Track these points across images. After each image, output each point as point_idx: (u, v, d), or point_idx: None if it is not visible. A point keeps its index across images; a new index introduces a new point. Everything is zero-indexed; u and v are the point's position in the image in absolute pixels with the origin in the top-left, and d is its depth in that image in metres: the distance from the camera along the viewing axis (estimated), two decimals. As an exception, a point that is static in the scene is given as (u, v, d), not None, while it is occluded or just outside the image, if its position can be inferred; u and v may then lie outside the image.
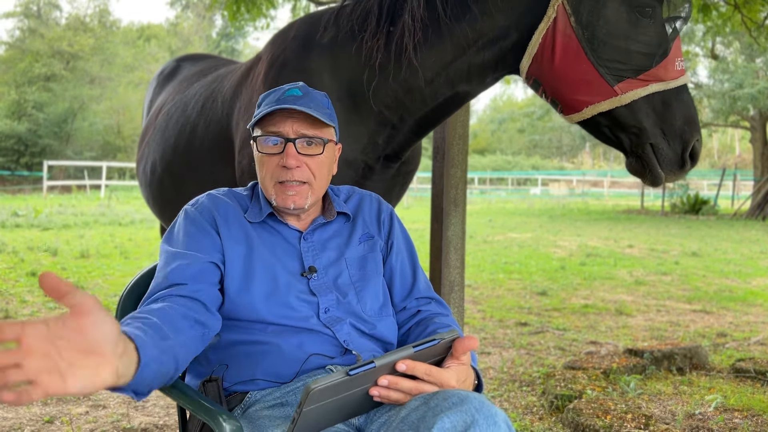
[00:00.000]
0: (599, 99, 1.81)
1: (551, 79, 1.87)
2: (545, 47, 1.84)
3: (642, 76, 1.78)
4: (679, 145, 1.84)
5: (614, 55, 1.78)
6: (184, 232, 1.35)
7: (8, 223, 11.40)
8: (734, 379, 3.35)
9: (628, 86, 1.79)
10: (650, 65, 1.78)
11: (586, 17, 1.78)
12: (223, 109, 2.38)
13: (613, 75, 1.79)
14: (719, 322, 4.90)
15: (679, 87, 1.83)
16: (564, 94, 1.87)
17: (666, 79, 1.79)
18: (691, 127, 1.83)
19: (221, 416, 1.11)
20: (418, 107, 2.05)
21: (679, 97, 1.82)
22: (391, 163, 2.22)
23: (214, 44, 38.05)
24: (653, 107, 1.81)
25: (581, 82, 1.82)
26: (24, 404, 0.84)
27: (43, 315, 4.57)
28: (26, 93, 29.42)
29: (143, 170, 2.87)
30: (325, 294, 1.36)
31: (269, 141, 1.35)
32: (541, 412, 2.90)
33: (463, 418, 0.98)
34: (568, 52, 1.80)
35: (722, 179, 21.55)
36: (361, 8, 2.02)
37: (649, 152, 1.85)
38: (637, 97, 1.79)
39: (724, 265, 8.05)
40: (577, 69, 1.81)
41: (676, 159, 1.85)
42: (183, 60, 3.42)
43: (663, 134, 1.83)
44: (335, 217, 1.46)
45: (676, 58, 1.81)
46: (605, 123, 1.87)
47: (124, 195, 21.23)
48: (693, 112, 1.84)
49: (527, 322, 4.76)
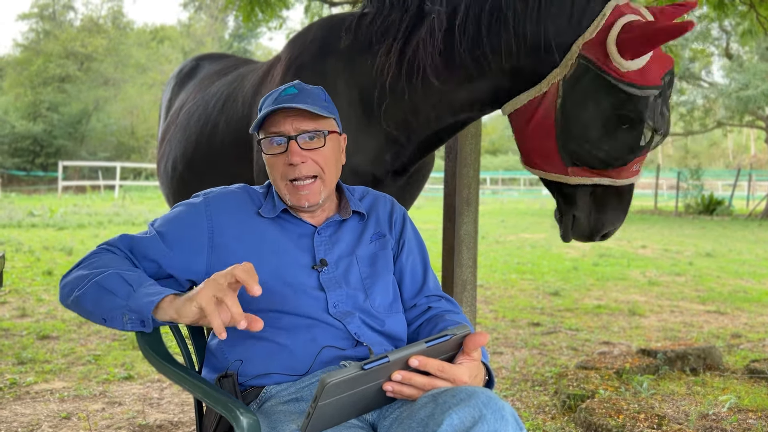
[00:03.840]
0: (550, 170, 1.90)
1: (519, 134, 1.94)
2: (526, 110, 1.88)
3: (597, 170, 1.84)
4: (597, 227, 1.92)
5: (579, 149, 1.82)
6: (177, 216, 1.42)
7: (24, 222, 11.54)
8: (748, 379, 3.33)
9: (580, 172, 1.85)
10: (606, 168, 1.82)
11: (570, 109, 1.80)
12: (243, 108, 2.40)
13: (570, 159, 1.84)
14: (733, 323, 4.87)
15: (626, 185, 1.87)
16: (524, 150, 1.96)
17: (618, 179, 1.84)
18: (615, 218, 1.91)
19: (239, 410, 1.13)
20: (423, 129, 2.08)
21: (621, 193, 1.88)
22: (399, 177, 2.24)
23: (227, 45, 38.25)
24: (593, 191, 1.89)
25: (541, 151, 1.89)
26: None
27: (58, 314, 4.64)
28: (41, 94, 29.74)
29: (164, 168, 2.90)
30: (334, 289, 1.38)
31: (273, 142, 1.38)
32: (554, 412, 2.90)
33: (471, 413, 0.99)
34: (542, 125, 1.85)
35: (737, 179, 21.35)
36: (382, 20, 2.03)
37: (568, 220, 1.95)
38: (582, 182, 1.86)
39: (738, 266, 7.98)
40: (542, 142, 1.87)
41: (588, 234, 1.95)
42: (202, 59, 3.45)
43: (589, 213, 1.91)
44: (350, 216, 1.48)
45: (635, 164, 1.84)
46: (548, 182, 1.98)
47: (138, 195, 21.39)
48: (624, 207, 1.91)
49: (540, 323, 4.76)
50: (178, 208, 1.44)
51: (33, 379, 3.27)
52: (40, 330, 4.20)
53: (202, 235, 1.38)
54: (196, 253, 1.37)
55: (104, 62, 32.56)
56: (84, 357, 3.68)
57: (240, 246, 1.38)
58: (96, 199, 19.76)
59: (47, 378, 3.31)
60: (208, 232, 1.39)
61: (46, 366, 3.49)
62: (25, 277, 6.19)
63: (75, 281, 1.27)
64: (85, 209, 15.06)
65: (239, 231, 1.39)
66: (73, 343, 3.97)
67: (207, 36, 40.84)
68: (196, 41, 40.45)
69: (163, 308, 1.18)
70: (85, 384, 3.23)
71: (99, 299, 1.23)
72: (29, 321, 4.49)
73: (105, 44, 33.00)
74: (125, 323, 1.21)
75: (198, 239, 1.38)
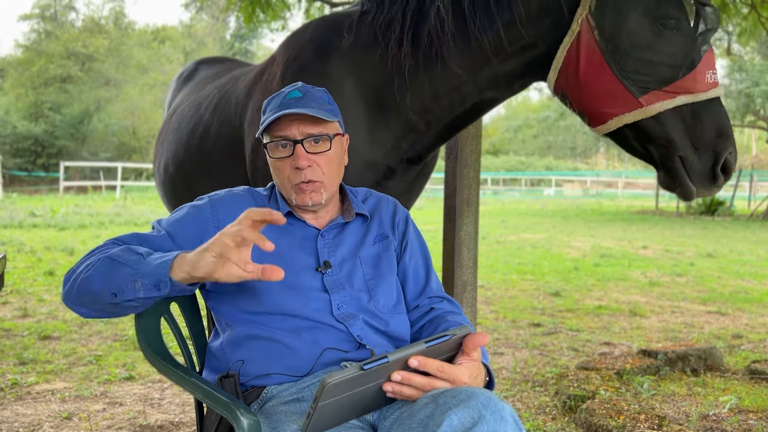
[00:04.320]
0: (624, 111, 1.79)
1: (577, 91, 1.86)
2: (570, 61, 1.83)
3: (668, 88, 1.75)
4: (711, 158, 1.78)
5: (638, 66, 1.76)
6: (184, 216, 1.42)
7: (26, 223, 11.56)
8: (749, 380, 3.33)
9: (654, 98, 1.76)
10: (676, 77, 1.74)
11: (609, 30, 1.77)
12: (236, 110, 2.40)
13: (637, 87, 1.76)
14: (734, 323, 4.87)
15: (711, 99, 1.77)
16: (589, 107, 1.86)
17: (695, 92, 1.75)
18: (723, 140, 1.77)
19: (239, 410, 1.13)
20: (446, 113, 2.06)
21: (711, 110, 1.77)
22: (413, 165, 2.24)
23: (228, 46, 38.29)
24: (682, 119, 1.77)
25: (606, 94, 1.80)
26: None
27: (59, 314, 4.65)
28: (43, 94, 29.78)
29: (158, 169, 2.92)
30: (338, 291, 1.38)
31: (279, 146, 1.39)
32: (554, 413, 2.91)
33: (471, 414, 1.00)
34: (592, 65, 1.79)
35: (738, 180, 21.32)
36: (384, 16, 2.02)
37: (679, 165, 1.80)
38: (663, 109, 1.75)
39: (739, 267, 7.98)
40: (602, 81, 1.79)
41: (707, 173, 1.79)
42: (201, 63, 3.47)
43: (693, 147, 1.78)
44: (353, 218, 1.49)
45: (707, 71, 1.75)
46: (632, 135, 1.84)
47: (140, 195, 21.41)
48: (725, 125, 1.78)
49: (540, 323, 4.76)
50: (183, 209, 1.44)
51: (34, 379, 3.28)
52: (41, 330, 4.20)
53: (210, 235, 1.38)
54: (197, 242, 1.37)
55: (105, 63, 32.60)
56: (85, 357, 3.68)
57: None
58: (97, 199, 19.78)
59: (48, 378, 3.31)
60: (214, 232, 1.39)
61: (48, 366, 3.50)
62: (27, 277, 6.20)
63: (81, 270, 1.26)
64: (86, 210, 15.08)
65: None
66: (74, 343, 3.98)
67: (208, 36, 40.86)
68: (198, 42, 40.46)
69: (177, 265, 1.17)
70: (86, 384, 3.23)
71: (109, 274, 1.21)
72: (31, 321, 4.50)
73: (106, 45, 33.04)
74: (138, 290, 1.18)
75: (206, 239, 1.38)
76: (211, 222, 1.40)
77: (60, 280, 5.99)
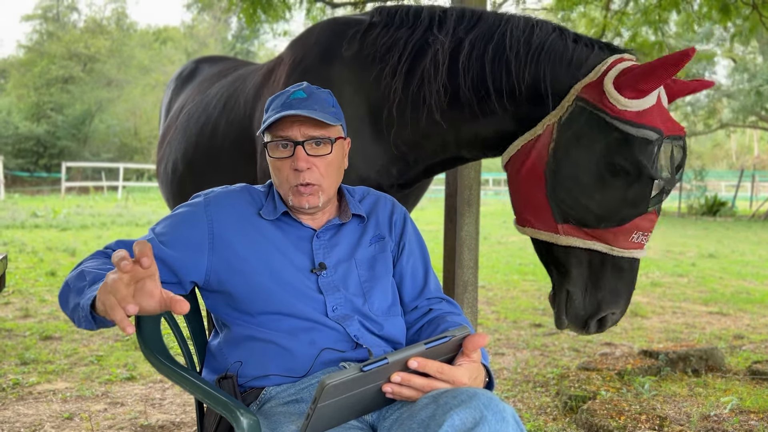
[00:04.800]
0: (540, 227, 1.76)
1: (513, 185, 1.83)
2: (520, 156, 1.78)
3: (587, 230, 1.68)
4: (592, 308, 1.74)
5: (565, 197, 1.69)
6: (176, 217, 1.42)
7: (27, 223, 11.57)
8: (750, 381, 3.33)
9: (571, 231, 1.70)
10: (596, 225, 1.67)
11: (561, 150, 1.69)
12: (245, 109, 2.40)
13: (560, 213, 1.71)
14: (736, 324, 4.86)
15: (626, 258, 1.69)
16: (516, 205, 1.84)
17: (612, 245, 1.67)
18: (613, 299, 1.71)
19: (239, 410, 1.14)
20: (431, 155, 2.05)
21: (620, 266, 1.70)
22: (404, 189, 2.23)
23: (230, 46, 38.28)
24: (589, 260, 1.72)
25: (532, 204, 1.76)
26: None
27: (61, 314, 4.64)
28: (45, 95, 29.82)
29: (164, 170, 2.91)
30: (332, 292, 1.38)
31: (279, 146, 1.38)
32: (555, 413, 2.90)
33: (473, 415, 1.00)
34: (534, 171, 1.74)
35: (740, 180, 21.30)
36: (389, 36, 2.00)
37: (562, 296, 1.78)
38: (574, 244, 1.70)
39: (741, 267, 7.97)
40: (533, 191, 1.74)
41: (582, 318, 1.76)
42: (201, 62, 3.46)
43: (584, 289, 1.74)
44: (350, 219, 1.48)
45: (635, 231, 1.66)
46: (541, 249, 1.84)
47: (141, 196, 21.43)
48: (625, 288, 1.72)
49: (541, 323, 4.76)
50: (178, 209, 1.44)
51: (36, 379, 3.28)
52: (42, 330, 4.21)
53: (203, 235, 1.38)
54: (196, 253, 1.37)
55: (107, 63, 32.63)
56: (86, 357, 3.69)
57: (240, 246, 1.38)
58: (99, 200, 19.80)
59: (50, 378, 3.32)
60: (208, 232, 1.38)
61: (49, 366, 3.50)
62: (29, 277, 6.21)
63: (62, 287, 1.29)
64: (88, 210, 15.10)
65: (240, 231, 1.39)
66: (75, 343, 3.98)
67: (210, 37, 40.87)
68: (199, 42, 40.48)
69: (99, 300, 1.09)
70: (88, 384, 3.24)
71: (65, 298, 1.24)
72: (32, 321, 4.51)
73: (108, 45, 33.08)
74: (81, 320, 1.17)
75: (198, 239, 1.38)
76: (205, 222, 1.39)
77: (61, 281, 6.00)
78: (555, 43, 1.78)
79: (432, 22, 1.97)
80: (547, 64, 1.76)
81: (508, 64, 1.80)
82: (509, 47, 1.80)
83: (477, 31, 1.88)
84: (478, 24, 1.90)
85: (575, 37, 1.82)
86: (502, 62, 1.81)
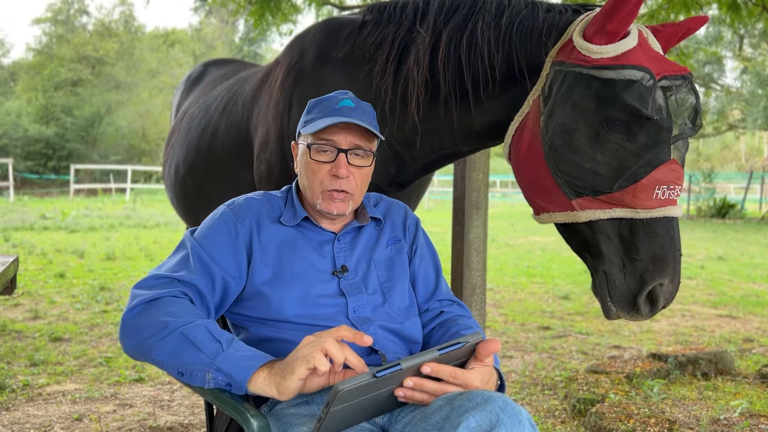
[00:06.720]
0: (555, 209, 1.61)
1: (518, 174, 1.70)
2: (516, 140, 1.69)
3: (603, 197, 1.52)
4: (636, 284, 1.54)
5: (569, 168, 1.54)
6: (211, 230, 1.40)
7: (37, 225, 11.63)
8: (760, 384, 3.30)
9: (587, 204, 1.54)
10: (609, 189, 1.51)
11: (551, 120, 1.56)
12: (243, 112, 2.41)
13: (570, 188, 1.55)
14: (745, 327, 4.83)
15: (656, 219, 1.51)
16: (526, 193, 1.71)
17: (635, 207, 1.50)
18: (656, 268, 1.51)
19: (249, 413, 1.14)
20: (427, 153, 2.04)
21: (652, 230, 1.51)
22: (403, 188, 2.23)
23: (237, 49, 38.42)
24: (618, 232, 1.54)
25: (540, 187, 1.62)
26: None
27: (70, 316, 4.67)
28: (54, 98, 29.98)
29: (168, 172, 2.93)
30: (354, 294, 1.39)
31: (322, 149, 1.39)
32: (564, 416, 2.89)
33: (489, 417, 1.00)
34: (532, 152, 1.61)
35: (749, 182, 21.19)
36: (377, 34, 2.00)
37: (602, 280, 1.59)
38: (595, 217, 1.54)
39: (750, 270, 7.92)
40: (538, 172, 1.61)
41: (629, 298, 1.56)
42: (209, 64, 3.49)
43: (622, 265, 1.55)
44: (368, 222, 1.50)
45: (658, 186, 1.48)
46: (566, 234, 1.67)
47: (149, 198, 21.52)
48: (665, 252, 1.51)
49: (549, 326, 4.74)
50: (207, 221, 1.44)
51: (45, 380, 3.30)
52: (52, 332, 4.23)
53: (238, 239, 1.39)
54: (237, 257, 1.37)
55: (116, 66, 32.80)
56: (95, 359, 3.70)
57: (265, 253, 1.39)
58: (107, 201, 19.90)
59: (59, 380, 3.33)
60: (242, 237, 1.40)
61: (58, 368, 3.52)
62: (38, 279, 6.24)
63: (152, 326, 1.20)
64: (96, 212, 15.17)
65: (264, 238, 1.41)
66: (84, 345, 4.00)
67: (218, 40, 41.04)
68: (207, 45, 40.66)
69: (262, 379, 1.12)
70: (97, 386, 3.25)
71: (178, 352, 1.16)
72: (42, 323, 4.53)
73: (117, 48, 33.27)
74: (208, 381, 1.14)
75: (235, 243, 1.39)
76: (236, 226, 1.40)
77: (71, 282, 6.04)
78: (525, 19, 1.73)
79: (416, 15, 1.95)
80: (519, 42, 1.71)
81: (481, 54, 1.76)
82: (481, 36, 1.77)
83: (453, 22, 1.85)
84: (455, 15, 1.87)
85: (548, 7, 1.76)
86: (477, 53, 1.78)
